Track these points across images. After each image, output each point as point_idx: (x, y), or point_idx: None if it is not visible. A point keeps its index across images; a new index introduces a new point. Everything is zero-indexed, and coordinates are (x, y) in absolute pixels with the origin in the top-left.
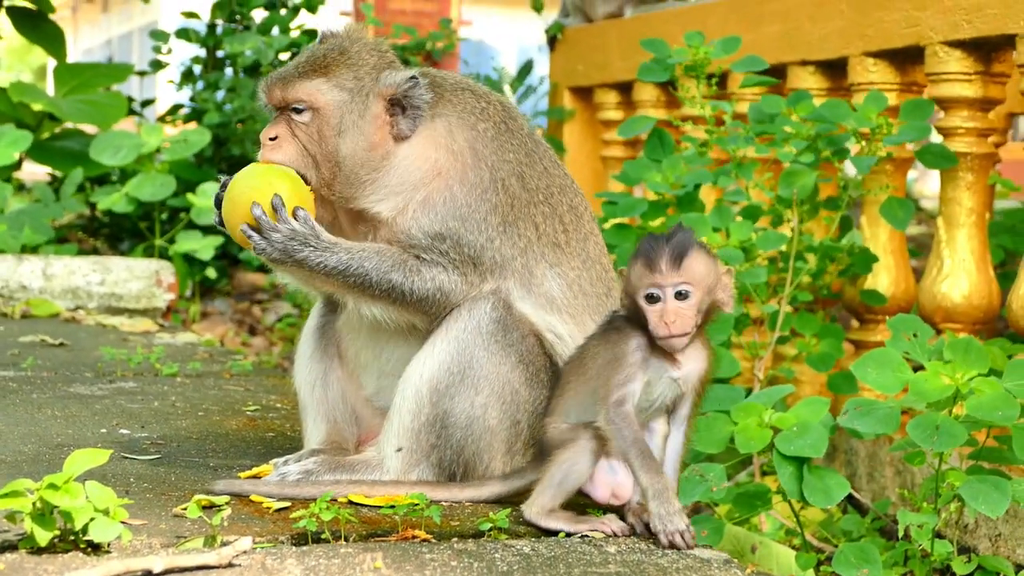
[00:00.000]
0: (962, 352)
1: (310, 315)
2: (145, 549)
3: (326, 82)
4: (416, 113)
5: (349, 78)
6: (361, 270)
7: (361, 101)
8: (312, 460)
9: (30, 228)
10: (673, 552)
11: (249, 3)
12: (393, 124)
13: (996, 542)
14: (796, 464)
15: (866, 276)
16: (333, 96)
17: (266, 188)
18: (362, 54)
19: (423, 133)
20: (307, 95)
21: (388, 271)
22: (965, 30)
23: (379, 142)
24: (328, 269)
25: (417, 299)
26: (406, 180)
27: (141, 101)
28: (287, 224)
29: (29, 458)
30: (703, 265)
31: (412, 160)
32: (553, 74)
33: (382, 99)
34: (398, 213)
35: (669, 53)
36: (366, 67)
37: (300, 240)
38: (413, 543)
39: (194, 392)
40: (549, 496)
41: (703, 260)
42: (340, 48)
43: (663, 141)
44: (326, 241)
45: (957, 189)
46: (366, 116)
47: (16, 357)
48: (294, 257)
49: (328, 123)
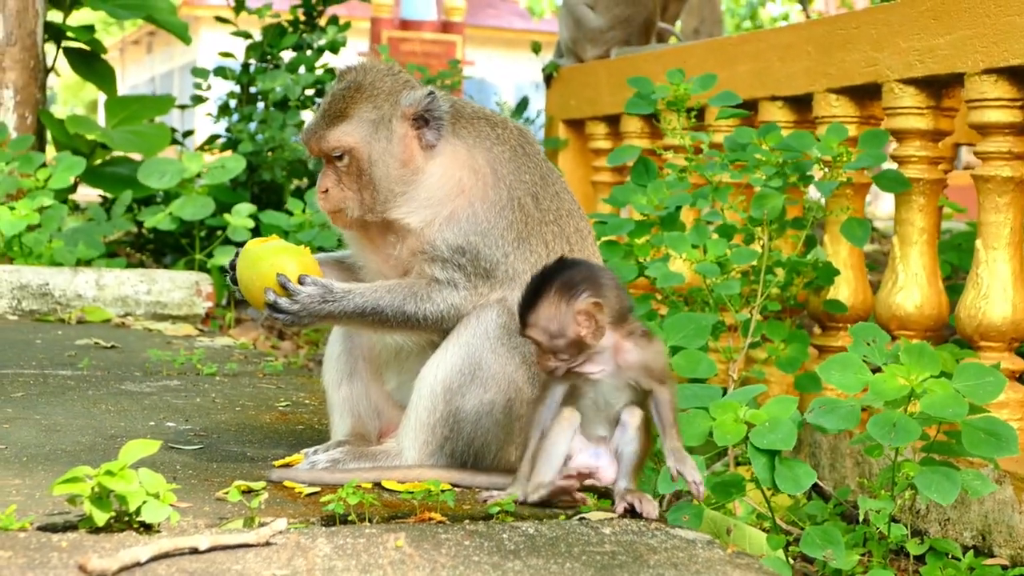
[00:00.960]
0: (916, 356)
1: None
2: (191, 529)
3: (349, 124)
4: (439, 123)
5: (369, 110)
6: (377, 307)
7: (386, 127)
8: (339, 450)
9: (84, 244)
10: (661, 533)
11: (279, 45)
12: (420, 137)
13: (945, 526)
14: (768, 456)
15: (828, 288)
16: (359, 134)
17: (270, 271)
18: (376, 83)
19: (448, 153)
20: (337, 142)
21: (401, 304)
22: (918, 69)
23: (410, 157)
24: (348, 313)
25: (432, 322)
26: (433, 196)
27: (183, 132)
28: (299, 294)
29: (86, 448)
30: (544, 317)
31: (439, 178)
32: (549, 108)
33: (406, 119)
34: (426, 225)
35: (653, 89)
36: (383, 94)
37: (317, 300)
38: (430, 524)
39: (231, 390)
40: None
41: (544, 312)
42: (356, 85)
43: (647, 168)
44: (339, 291)
45: (910, 211)
46: (393, 139)
47: (73, 358)
48: (318, 316)
49: (363, 158)
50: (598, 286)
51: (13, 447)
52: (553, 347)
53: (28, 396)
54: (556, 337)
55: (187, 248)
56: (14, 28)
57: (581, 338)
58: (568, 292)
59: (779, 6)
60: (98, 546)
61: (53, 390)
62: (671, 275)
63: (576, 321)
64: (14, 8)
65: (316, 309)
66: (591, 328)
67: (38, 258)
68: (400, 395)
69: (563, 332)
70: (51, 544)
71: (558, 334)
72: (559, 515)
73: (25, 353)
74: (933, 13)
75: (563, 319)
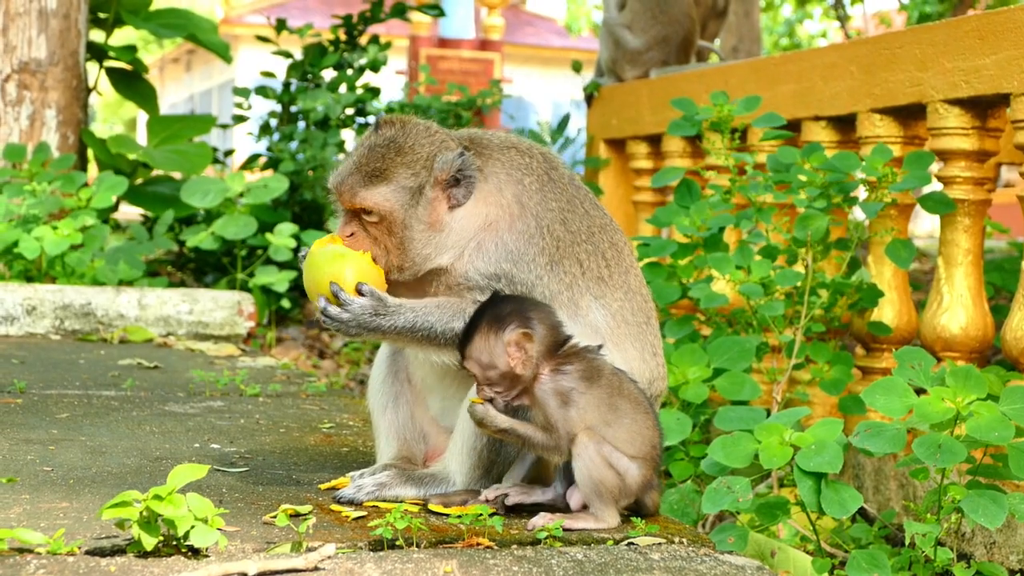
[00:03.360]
0: (962, 379)
1: (382, 344)
2: (239, 554)
3: (387, 187)
4: (469, 182)
5: (407, 177)
6: (427, 324)
7: (420, 193)
8: (385, 474)
9: (125, 263)
10: (710, 559)
11: (320, 64)
12: (450, 197)
13: (991, 549)
14: (815, 479)
15: (872, 309)
16: (396, 200)
17: (325, 280)
18: (415, 146)
19: (475, 194)
20: (374, 204)
21: (450, 320)
22: (963, 89)
23: (438, 219)
24: (398, 329)
25: None
26: (462, 236)
27: (223, 151)
28: (351, 304)
29: (132, 470)
30: (476, 349)
31: (466, 219)
32: (590, 127)
33: (438, 184)
34: (456, 260)
35: (696, 111)
36: (421, 160)
37: (369, 311)
38: (478, 550)
39: (275, 411)
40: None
41: (476, 344)
42: (396, 146)
43: (691, 189)
44: (392, 305)
45: (955, 232)
46: (425, 205)
47: (116, 378)
48: (367, 328)
49: (395, 223)
50: (526, 318)
51: (59, 469)
52: (488, 379)
53: (73, 417)
54: (488, 368)
55: (228, 267)
56: (56, 48)
57: (511, 369)
58: (497, 324)
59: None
60: (147, 571)
61: (97, 411)
62: (714, 296)
63: (507, 352)
64: (56, 28)
65: (366, 321)
66: (520, 358)
67: (80, 278)
68: (445, 419)
69: (494, 363)
70: (100, 568)
71: (489, 365)
72: (607, 540)
73: (69, 373)
74: (979, 33)
75: (493, 350)
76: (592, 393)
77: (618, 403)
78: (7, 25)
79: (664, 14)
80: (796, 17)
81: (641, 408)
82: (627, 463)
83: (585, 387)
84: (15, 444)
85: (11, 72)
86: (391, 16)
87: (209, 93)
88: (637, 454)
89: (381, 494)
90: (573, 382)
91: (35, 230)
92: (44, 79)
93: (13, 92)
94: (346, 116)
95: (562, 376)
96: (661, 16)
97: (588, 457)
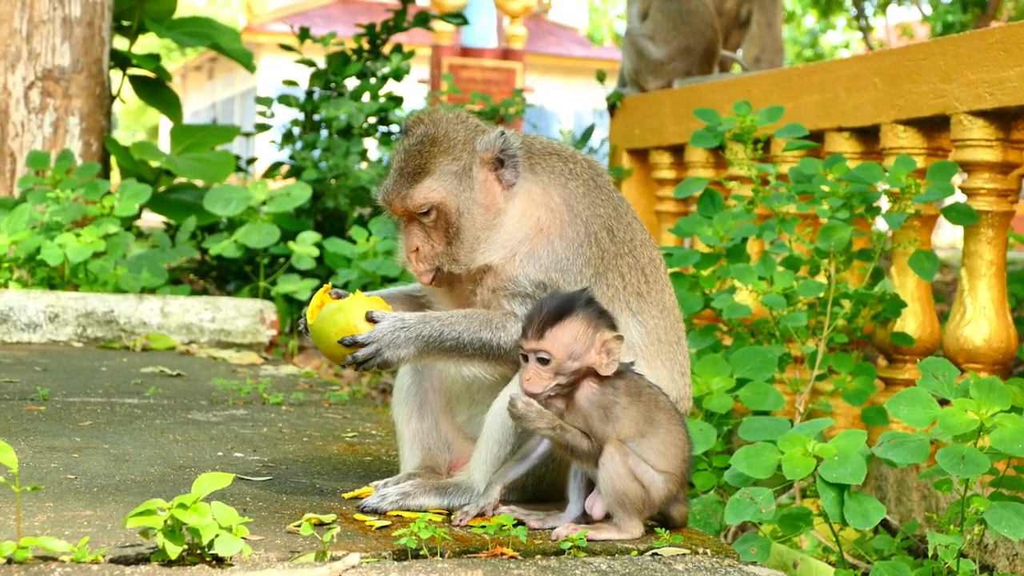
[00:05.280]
0: (986, 391)
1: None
2: (264, 563)
3: (433, 179)
4: (515, 161)
5: (449, 162)
6: (454, 333)
7: (467, 176)
8: (409, 483)
9: (147, 271)
10: (735, 570)
11: (343, 73)
12: (500, 178)
13: (1014, 561)
14: (838, 490)
15: (895, 320)
16: (444, 188)
17: (335, 339)
18: (449, 133)
19: (524, 192)
20: (424, 199)
21: (477, 330)
22: (987, 101)
23: (492, 201)
24: (424, 338)
25: (507, 351)
26: (514, 236)
27: (245, 159)
28: (373, 332)
29: (155, 478)
30: (568, 335)
31: (518, 218)
32: (613, 137)
33: (485, 164)
34: (507, 261)
35: (719, 121)
36: (459, 144)
37: (391, 329)
38: (502, 560)
39: (298, 419)
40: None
41: (570, 330)
42: (430, 138)
43: (714, 199)
44: (412, 318)
45: (979, 243)
46: (476, 186)
47: (139, 386)
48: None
49: (451, 211)
50: (615, 325)
51: (83, 477)
52: (560, 368)
53: (96, 425)
54: (569, 359)
55: (251, 275)
56: (80, 56)
57: (590, 366)
58: (596, 320)
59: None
60: None
61: (121, 419)
62: (737, 307)
63: (596, 349)
64: (80, 36)
65: (392, 338)
66: (605, 361)
67: (103, 285)
68: (471, 428)
69: (579, 355)
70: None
71: (573, 356)
72: (631, 551)
73: (92, 381)
74: (1003, 45)
75: (587, 343)
76: (634, 408)
77: (655, 415)
78: (31, 32)
79: (687, 25)
80: (819, 28)
81: (676, 421)
82: (653, 476)
83: (628, 402)
84: (39, 452)
85: (35, 79)
86: (414, 25)
87: (231, 101)
88: (667, 468)
89: (405, 503)
90: (619, 396)
91: (58, 237)
92: (68, 86)
93: (37, 99)
94: (369, 125)
95: (611, 390)
96: (684, 27)
97: (614, 468)
